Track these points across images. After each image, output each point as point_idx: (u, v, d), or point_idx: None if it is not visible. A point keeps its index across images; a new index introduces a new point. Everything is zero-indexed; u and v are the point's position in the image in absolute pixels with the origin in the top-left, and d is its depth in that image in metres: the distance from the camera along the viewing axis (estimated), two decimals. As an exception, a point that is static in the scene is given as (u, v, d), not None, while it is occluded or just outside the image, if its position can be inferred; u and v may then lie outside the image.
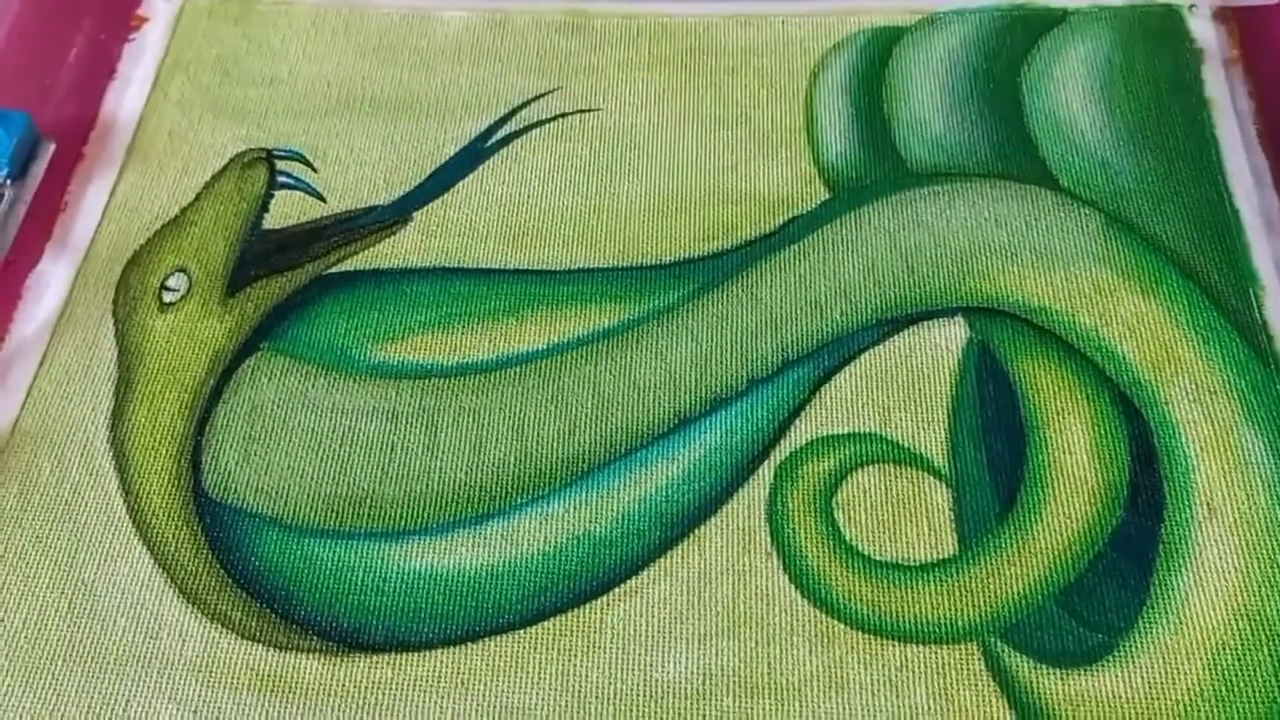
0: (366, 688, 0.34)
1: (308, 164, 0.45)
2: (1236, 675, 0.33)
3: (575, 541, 0.36)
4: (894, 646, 0.34)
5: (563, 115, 0.46)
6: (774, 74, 0.46)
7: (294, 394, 0.40)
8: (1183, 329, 0.39)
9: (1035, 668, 0.34)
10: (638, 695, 0.34)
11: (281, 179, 0.45)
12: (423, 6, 0.49)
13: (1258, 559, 0.35)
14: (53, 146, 0.46)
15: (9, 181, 0.44)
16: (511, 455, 0.38)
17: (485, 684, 0.34)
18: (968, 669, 0.34)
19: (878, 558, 0.36)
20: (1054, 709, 0.33)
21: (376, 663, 0.35)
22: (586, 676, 0.34)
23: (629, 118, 0.46)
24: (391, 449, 0.38)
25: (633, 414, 0.39)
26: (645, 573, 0.36)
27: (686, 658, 0.34)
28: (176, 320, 0.41)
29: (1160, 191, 0.42)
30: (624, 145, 0.45)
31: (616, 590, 0.35)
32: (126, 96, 0.47)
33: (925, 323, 0.40)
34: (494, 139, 0.45)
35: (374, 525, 0.37)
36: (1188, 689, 0.33)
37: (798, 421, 0.38)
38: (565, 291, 0.41)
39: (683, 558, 0.36)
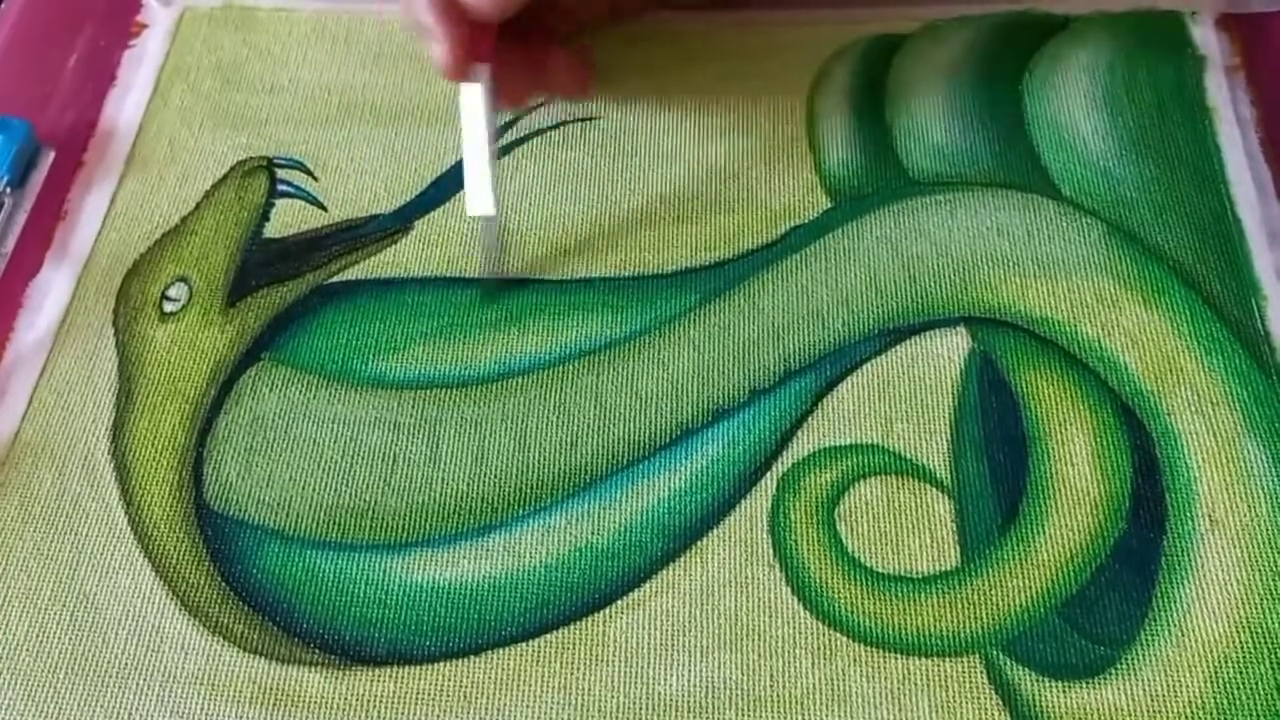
0: (368, 701, 0.34)
1: (308, 173, 0.45)
2: (1239, 688, 0.33)
3: (577, 554, 0.36)
4: (896, 659, 0.34)
5: (563, 123, 0.46)
6: (775, 82, 0.46)
7: (295, 405, 0.40)
8: (1185, 339, 0.39)
9: (1038, 680, 0.34)
10: (640, 708, 0.34)
11: (282, 188, 0.45)
12: (423, 13, 0.49)
13: (1260, 571, 0.35)
14: (52, 154, 0.46)
15: (8, 189, 0.44)
16: (513, 466, 0.38)
17: (487, 697, 0.34)
18: (970, 682, 0.34)
19: (880, 570, 0.36)
20: (1056, 722, 0.33)
21: (378, 676, 0.35)
22: (589, 690, 0.34)
23: (629, 126, 0.46)
24: (393, 460, 0.38)
25: (635, 425, 0.38)
26: (647, 585, 0.36)
27: (689, 670, 0.34)
28: (177, 330, 0.41)
29: (1162, 201, 0.42)
30: (625, 154, 0.45)
31: (619, 603, 0.35)
32: (126, 104, 0.47)
33: (927, 333, 0.40)
34: (495, 147, 0.45)
35: (376, 537, 0.37)
36: (1190, 701, 0.33)
37: (800, 432, 0.38)
38: (566, 301, 0.41)
39: (685, 570, 0.36)
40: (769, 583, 0.36)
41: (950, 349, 0.40)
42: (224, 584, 0.36)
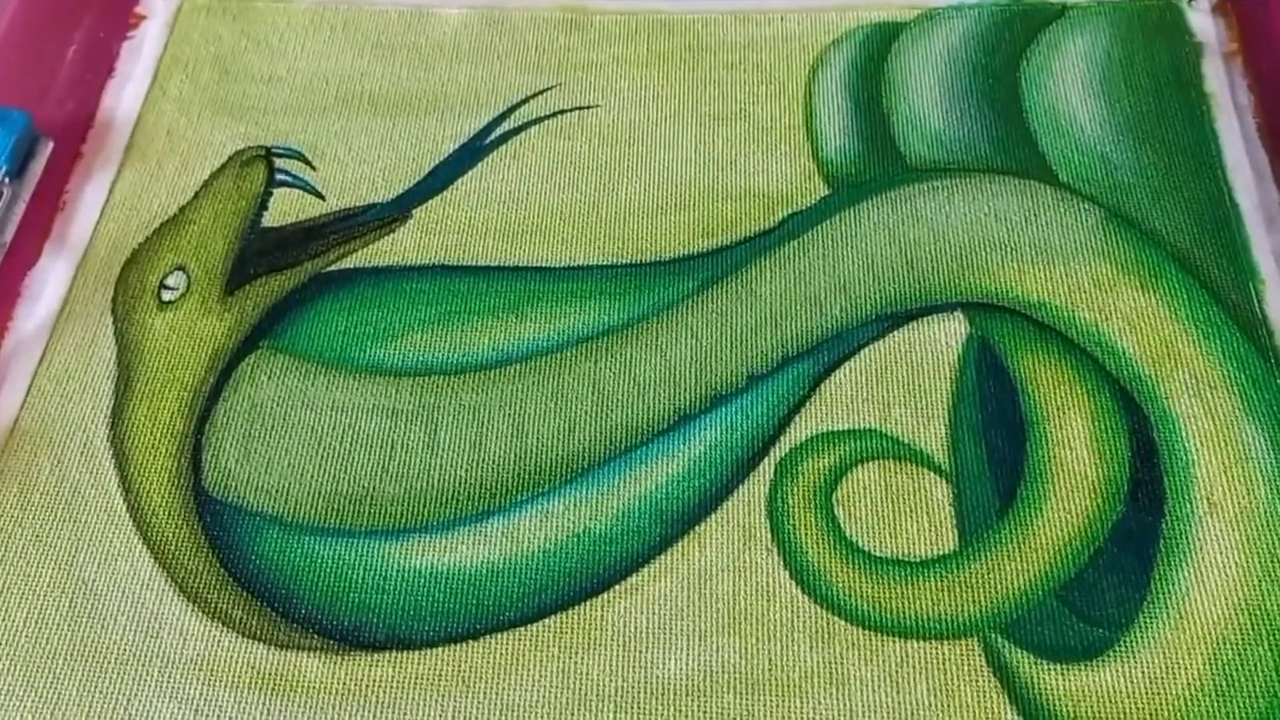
0: (367, 686, 0.34)
1: (306, 162, 0.45)
2: (1237, 670, 0.33)
3: (575, 539, 0.36)
4: (895, 642, 0.34)
5: (561, 112, 0.46)
6: (773, 70, 0.46)
7: (294, 392, 0.40)
8: (1183, 324, 0.39)
9: (1036, 663, 0.34)
10: (638, 692, 0.34)
11: (280, 177, 0.45)
12: (421, 4, 0.49)
13: (1258, 554, 0.35)
14: (51, 144, 0.46)
15: (7, 179, 0.44)
16: (511, 452, 0.38)
17: (486, 682, 0.34)
18: (968, 665, 0.34)
19: (878, 554, 0.36)
20: (1055, 704, 0.33)
21: (377, 661, 0.35)
22: (587, 674, 0.34)
23: (628, 114, 0.46)
24: (391, 447, 0.38)
25: (633, 411, 0.39)
26: (646, 570, 0.36)
27: (687, 654, 0.34)
28: (176, 318, 0.41)
29: (1160, 186, 0.42)
30: (623, 142, 0.45)
31: (617, 587, 0.35)
32: (125, 94, 0.47)
33: (925, 318, 0.40)
34: (493, 136, 0.45)
35: (374, 523, 0.37)
36: (1188, 684, 0.33)
37: (798, 418, 0.38)
38: (565, 288, 0.41)
39: (683, 554, 0.36)
40: (767, 567, 0.36)
41: (948, 334, 0.40)
42: (222, 570, 0.36)
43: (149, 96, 0.47)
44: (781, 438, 0.38)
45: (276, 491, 0.38)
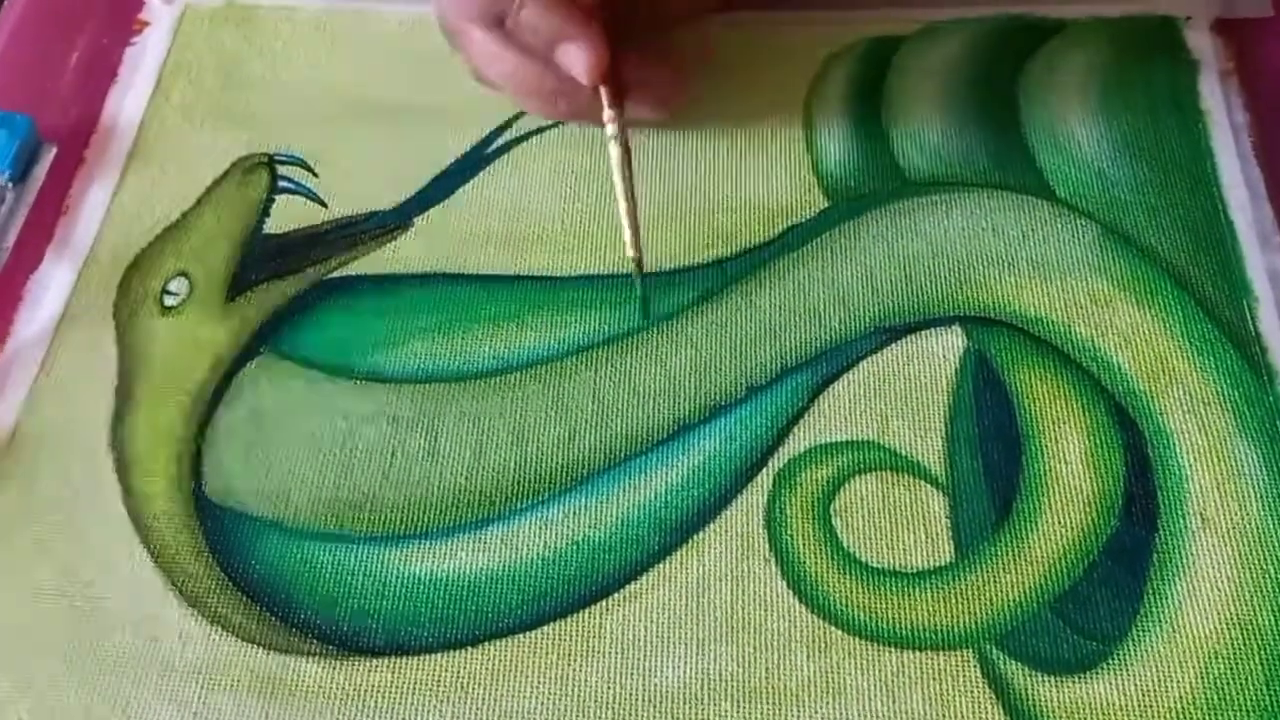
0: (366, 691, 0.34)
1: (309, 169, 0.45)
2: (1228, 683, 0.34)
3: (575, 547, 0.37)
4: (891, 653, 0.34)
5: (562, 123, 0.46)
6: (773, 83, 0.47)
7: (294, 398, 0.40)
8: (1177, 340, 0.39)
9: (1030, 675, 0.34)
10: (637, 700, 0.34)
11: (283, 184, 0.45)
12: (424, 13, 0.49)
13: (1250, 569, 0.35)
14: (54, 150, 0.46)
15: (10, 184, 0.44)
16: (511, 460, 0.38)
17: (484, 688, 0.34)
18: (963, 675, 0.34)
19: (875, 564, 0.36)
20: (1048, 716, 0.33)
21: (376, 666, 0.35)
22: (586, 681, 0.34)
23: (629, 125, 0.46)
24: (392, 453, 0.38)
25: (632, 420, 0.39)
26: (645, 578, 0.36)
27: (685, 662, 0.35)
28: (177, 324, 0.41)
29: (1156, 203, 0.42)
30: (624, 153, 0.45)
31: (616, 595, 0.36)
32: (128, 100, 0.48)
33: (923, 331, 0.40)
34: (494, 146, 0.46)
35: (374, 529, 0.37)
36: (1180, 697, 0.33)
37: (796, 429, 0.38)
38: (565, 298, 0.42)
39: (682, 563, 0.36)
40: (765, 577, 0.36)
41: (946, 347, 0.40)
42: (222, 574, 0.37)
43: (152, 103, 0.47)
44: (780, 448, 0.38)
45: (277, 497, 0.38)
